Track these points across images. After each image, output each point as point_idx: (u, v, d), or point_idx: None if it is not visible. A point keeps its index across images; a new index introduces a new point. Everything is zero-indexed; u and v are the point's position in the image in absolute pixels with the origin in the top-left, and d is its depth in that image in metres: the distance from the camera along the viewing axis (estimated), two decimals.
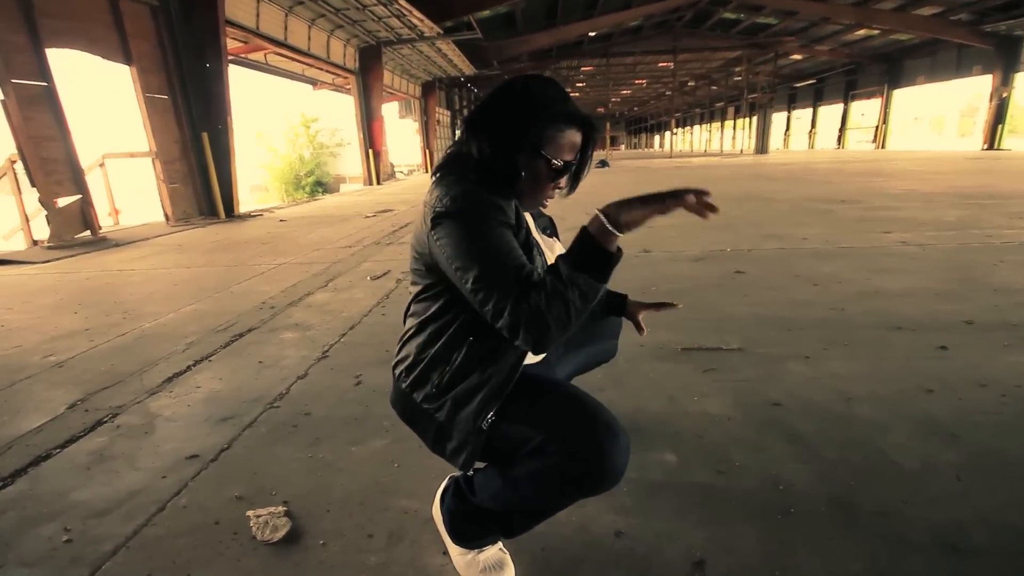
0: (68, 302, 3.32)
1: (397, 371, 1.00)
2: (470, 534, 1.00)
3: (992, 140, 17.94)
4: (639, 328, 1.25)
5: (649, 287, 2.96)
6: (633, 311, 1.27)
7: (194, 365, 2.15)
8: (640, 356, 2.02)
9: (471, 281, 0.83)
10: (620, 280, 3.20)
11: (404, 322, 1.02)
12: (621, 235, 0.77)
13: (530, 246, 0.90)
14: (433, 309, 0.94)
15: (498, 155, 0.91)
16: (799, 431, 1.46)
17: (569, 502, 0.92)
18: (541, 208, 1.01)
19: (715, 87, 31.80)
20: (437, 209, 0.86)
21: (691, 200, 0.74)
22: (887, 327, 2.21)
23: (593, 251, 0.78)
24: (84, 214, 5.96)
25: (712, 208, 0.76)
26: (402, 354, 0.99)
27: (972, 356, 1.90)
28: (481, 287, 0.83)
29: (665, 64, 25.08)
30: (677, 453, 1.38)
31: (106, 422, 1.71)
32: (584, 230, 0.78)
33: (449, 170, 0.93)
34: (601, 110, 42.00)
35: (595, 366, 1.39)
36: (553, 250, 1.05)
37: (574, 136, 0.93)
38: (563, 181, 0.96)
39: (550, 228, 1.13)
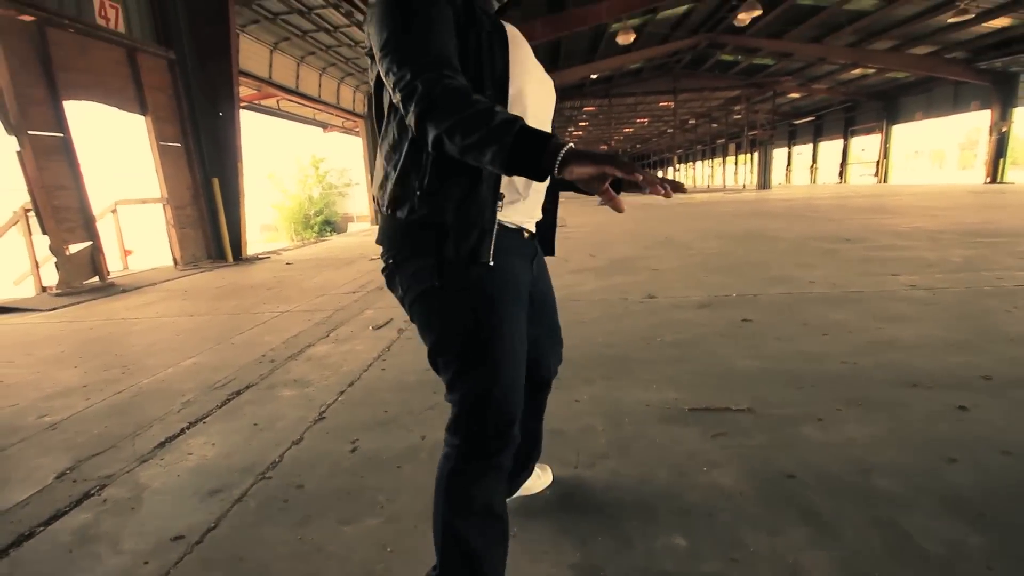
0: (69, 355, 3.30)
1: (378, 201, 0.95)
2: None
3: (995, 174, 18.03)
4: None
5: (654, 337, 2.91)
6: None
7: (188, 428, 2.10)
8: (646, 417, 1.95)
9: (382, 45, 0.80)
10: (626, 327, 3.17)
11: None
12: (554, 172, 0.71)
13: (471, 4, 0.85)
14: (389, 101, 0.89)
15: None
16: (816, 509, 1.37)
17: (481, 493, 0.97)
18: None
19: (716, 124, 32.41)
20: None
21: (651, 177, 0.70)
22: (902, 384, 2.13)
23: (532, 152, 0.70)
24: (93, 260, 6.03)
25: (666, 189, 0.72)
26: (378, 179, 0.94)
27: (993, 418, 1.82)
28: (389, 51, 0.79)
29: (666, 103, 25.66)
30: (687, 536, 1.30)
31: (93, 495, 1.65)
32: (545, 136, 0.71)
33: None
34: (604, 147, 42.85)
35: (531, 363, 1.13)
36: (527, 65, 0.97)
37: None
38: None
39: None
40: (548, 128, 1.01)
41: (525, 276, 1.02)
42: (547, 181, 0.74)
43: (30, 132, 5.40)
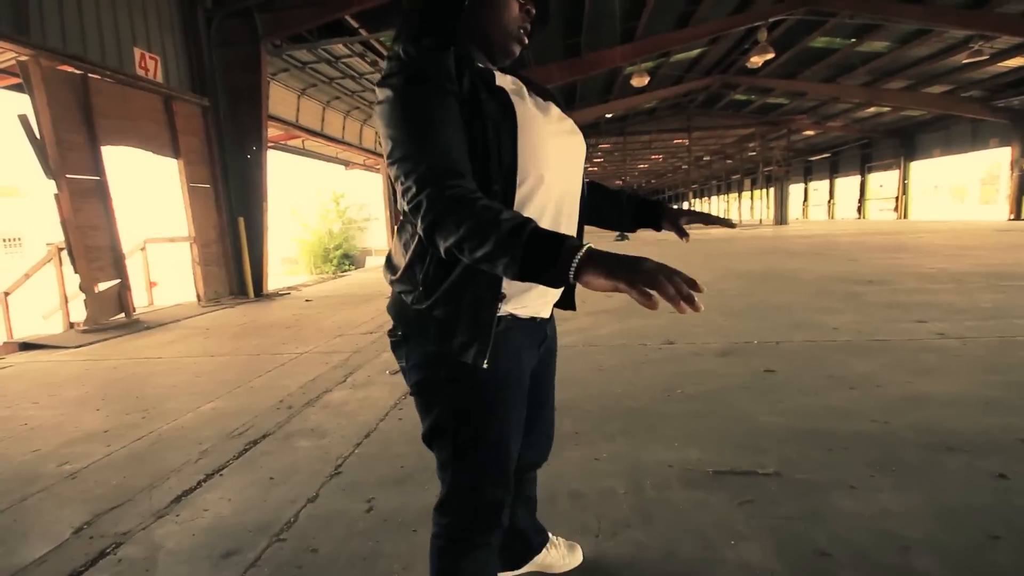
0: (93, 396, 3.35)
1: (389, 282, 0.96)
2: None
3: (1018, 210, 17.73)
4: (681, 234, 1.14)
5: (674, 388, 2.85)
6: (671, 219, 1.13)
7: (205, 480, 2.09)
8: (668, 480, 1.89)
9: (388, 153, 0.80)
10: (645, 376, 3.12)
11: None
12: (570, 280, 0.68)
13: (476, 90, 0.81)
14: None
15: None
16: None
17: (469, 571, 1.01)
18: (520, 44, 0.92)
19: (730, 160, 32.62)
20: (380, 78, 0.83)
21: (670, 292, 0.62)
22: (937, 447, 2.04)
23: (544, 261, 0.67)
24: (121, 298, 6.19)
25: (692, 304, 0.62)
26: (393, 261, 0.95)
27: None
28: (395, 160, 0.78)
29: (680, 141, 25.99)
30: None
31: (108, 554, 1.64)
32: (556, 243, 0.68)
33: (400, 31, 0.89)
34: (619, 183, 43.29)
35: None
36: (548, 113, 0.93)
37: None
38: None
39: (545, 93, 0.99)
40: (578, 183, 0.96)
41: (529, 363, 1.01)
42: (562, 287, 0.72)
43: (68, 176, 5.65)
